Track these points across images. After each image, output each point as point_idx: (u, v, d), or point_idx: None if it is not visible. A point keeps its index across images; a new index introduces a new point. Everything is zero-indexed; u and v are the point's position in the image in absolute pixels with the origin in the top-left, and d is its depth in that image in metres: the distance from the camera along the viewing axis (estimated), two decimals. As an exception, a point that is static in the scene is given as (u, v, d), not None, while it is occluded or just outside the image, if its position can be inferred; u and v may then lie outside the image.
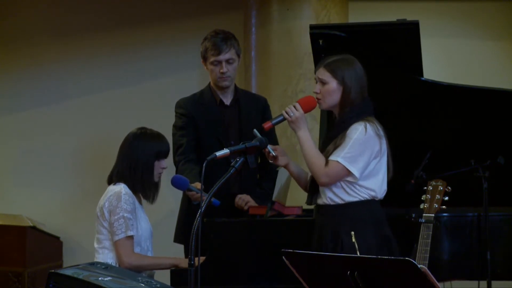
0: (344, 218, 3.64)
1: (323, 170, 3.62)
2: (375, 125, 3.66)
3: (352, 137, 3.61)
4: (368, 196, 3.66)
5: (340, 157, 3.60)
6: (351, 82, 3.67)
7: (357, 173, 3.60)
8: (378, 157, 3.66)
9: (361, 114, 3.67)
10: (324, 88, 3.70)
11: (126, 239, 3.74)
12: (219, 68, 4.38)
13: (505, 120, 4.41)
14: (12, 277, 6.02)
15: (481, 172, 4.14)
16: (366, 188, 3.66)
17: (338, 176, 3.63)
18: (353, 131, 3.63)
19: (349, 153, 3.59)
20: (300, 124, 3.69)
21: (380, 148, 3.66)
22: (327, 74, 3.69)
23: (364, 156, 3.61)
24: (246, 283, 3.95)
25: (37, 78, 6.67)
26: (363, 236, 3.57)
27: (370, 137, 3.62)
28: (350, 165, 3.59)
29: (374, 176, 3.67)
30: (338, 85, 3.68)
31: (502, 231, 4.18)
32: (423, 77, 4.37)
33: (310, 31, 4.30)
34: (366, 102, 3.71)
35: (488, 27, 6.45)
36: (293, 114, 3.68)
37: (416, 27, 4.22)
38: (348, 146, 3.60)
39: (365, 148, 3.61)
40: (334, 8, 5.93)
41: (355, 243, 3.46)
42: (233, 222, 4.12)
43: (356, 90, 3.67)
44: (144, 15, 6.63)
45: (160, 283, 3.29)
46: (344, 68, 3.68)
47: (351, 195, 3.65)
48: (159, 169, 3.85)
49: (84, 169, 6.56)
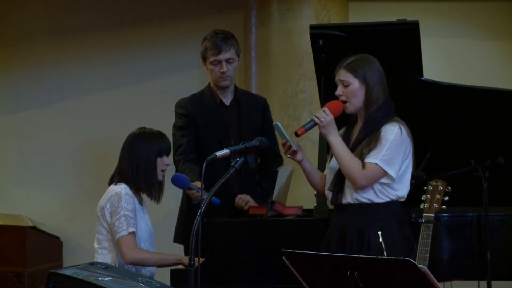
0: (371, 218, 3.62)
1: (361, 173, 3.59)
2: (406, 126, 3.66)
3: (389, 139, 3.59)
4: (395, 197, 3.66)
5: (379, 159, 3.57)
6: (373, 80, 3.65)
7: (394, 175, 3.59)
8: (408, 159, 3.67)
9: (388, 114, 3.66)
10: (347, 89, 3.66)
11: (128, 235, 3.73)
12: (219, 68, 4.38)
13: (505, 120, 4.41)
14: (12, 277, 6.02)
15: (481, 172, 4.13)
16: (396, 190, 3.65)
17: (376, 178, 3.61)
18: (388, 132, 3.61)
19: (387, 155, 3.58)
20: (331, 128, 3.64)
21: (410, 149, 3.67)
22: (349, 75, 3.66)
23: (400, 158, 3.61)
24: (246, 283, 3.95)
25: (37, 78, 6.66)
26: (390, 236, 3.57)
27: (404, 139, 3.62)
28: (388, 167, 3.57)
29: (403, 177, 3.67)
30: (361, 84, 3.65)
31: (502, 231, 4.18)
32: (423, 77, 4.37)
33: (310, 31, 4.30)
34: (389, 101, 3.70)
35: (488, 27, 6.45)
36: (324, 119, 3.62)
37: (416, 27, 4.22)
38: (386, 148, 3.58)
39: (400, 150, 3.61)
40: (334, 8, 5.92)
41: (382, 243, 3.46)
42: (233, 222, 4.12)
43: (379, 88, 3.66)
44: (144, 15, 6.63)
45: (160, 283, 3.29)
46: (364, 67, 3.66)
47: (380, 197, 3.64)
48: (162, 166, 3.85)
49: (84, 169, 6.56)
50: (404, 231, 3.69)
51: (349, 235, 3.65)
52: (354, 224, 3.66)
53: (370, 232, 3.60)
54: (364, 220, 3.64)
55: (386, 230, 3.56)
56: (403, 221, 3.70)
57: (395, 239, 3.61)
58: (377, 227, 3.56)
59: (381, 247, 3.47)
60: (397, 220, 3.67)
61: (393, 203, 3.66)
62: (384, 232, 3.54)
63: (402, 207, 3.71)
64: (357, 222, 3.65)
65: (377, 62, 3.71)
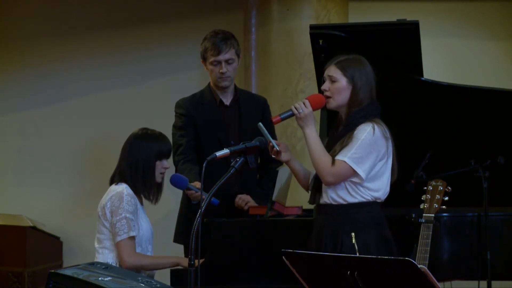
0: (345, 219, 3.62)
1: (329, 169, 3.61)
2: (383, 127, 3.65)
3: (360, 137, 3.60)
4: (370, 198, 3.65)
5: (347, 157, 3.58)
6: (361, 81, 3.66)
7: (363, 174, 3.59)
8: (384, 159, 3.65)
9: (369, 115, 3.66)
10: (334, 85, 3.68)
11: (128, 240, 3.74)
12: (218, 68, 4.38)
13: (505, 120, 4.41)
14: (12, 277, 6.02)
15: (481, 172, 4.13)
16: (370, 190, 3.64)
17: (344, 176, 3.61)
18: (361, 131, 3.61)
19: (356, 153, 3.58)
20: (308, 121, 3.66)
21: (386, 150, 3.65)
22: (338, 72, 3.68)
23: (371, 158, 3.60)
24: (246, 283, 3.95)
25: (37, 78, 6.67)
26: (363, 237, 3.55)
27: (377, 139, 3.61)
28: (356, 166, 3.58)
29: (379, 178, 3.66)
30: (348, 83, 3.66)
31: (502, 231, 4.18)
32: (423, 77, 4.38)
33: (310, 31, 4.30)
34: (374, 104, 3.70)
35: (488, 27, 6.45)
36: (302, 111, 3.65)
37: (416, 27, 4.22)
38: (356, 146, 3.59)
39: (372, 149, 3.60)
40: (334, 8, 5.93)
41: (355, 244, 3.45)
42: (233, 222, 4.12)
43: (365, 90, 3.66)
44: (144, 15, 6.63)
45: (160, 283, 3.29)
46: (354, 67, 3.67)
47: (354, 196, 3.64)
48: (161, 169, 3.85)
49: (84, 169, 6.57)
50: (382, 232, 3.67)
51: (324, 236, 3.67)
52: (329, 225, 3.66)
53: (343, 233, 3.59)
54: (338, 220, 3.64)
55: (360, 232, 3.54)
56: (382, 222, 3.69)
57: (370, 241, 3.59)
58: (351, 228, 3.53)
59: (354, 248, 3.44)
60: (374, 222, 3.65)
61: (370, 204, 3.65)
62: (358, 233, 3.51)
63: (380, 208, 3.69)
64: (332, 223, 3.66)
65: (369, 65, 3.72)
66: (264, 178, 4.51)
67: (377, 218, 3.68)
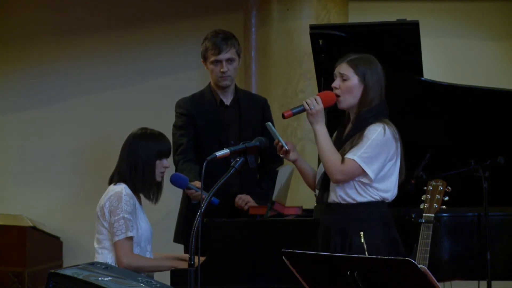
0: (354, 218, 3.62)
1: (338, 167, 3.60)
2: (392, 128, 3.64)
3: (370, 137, 3.59)
4: (379, 197, 3.64)
5: (357, 156, 3.57)
6: (372, 81, 3.65)
7: (372, 175, 3.58)
8: (393, 160, 3.65)
9: (379, 116, 3.65)
10: (345, 84, 3.67)
11: (125, 240, 3.74)
12: (219, 67, 4.38)
13: (505, 120, 4.41)
14: (12, 277, 6.02)
15: (481, 172, 4.13)
16: (379, 190, 3.64)
17: (353, 174, 3.60)
18: (371, 131, 3.60)
19: (366, 153, 3.57)
20: (319, 117, 3.65)
21: (395, 151, 3.65)
22: (350, 70, 3.67)
23: (381, 158, 3.59)
24: (246, 283, 3.95)
25: (37, 78, 6.67)
26: (372, 237, 3.54)
27: (388, 140, 3.61)
28: (366, 165, 3.57)
29: (387, 178, 3.65)
30: (359, 82, 3.65)
31: (502, 231, 4.18)
32: (423, 77, 4.38)
33: (310, 31, 4.30)
34: (383, 104, 3.69)
35: (488, 27, 6.45)
36: (314, 107, 3.64)
37: (416, 27, 4.22)
38: (366, 146, 3.58)
39: (382, 150, 3.59)
40: (334, 8, 5.93)
41: (364, 244, 3.44)
42: (233, 222, 4.12)
43: (376, 90, 3.66)
44: (144, 15, 6.63)
45: (160, 283, 3.29)
46: (366, 67, 3.67)
47: (363, 195, 3.63)
48: (161, 168, 3.85)
49: (84, 169, 6.57)
50: (390, 233, 3.67)
51: (333, 236, 3.66)
52: (338, 224, 3.65)
53: (352, 232, 3.59)
54: (347, 220, 3.63)
55: (368, 231, 3.52)
56: (389, 222, 3.68)
57: (378, 240, 3.59)
58: (360, 228, 3.52)
59: (363, 248, 3.43)
60: (382, 221, 3.65)
61: (378, 203, 3.64)
62: (367, 232, 3.49)
63: (388, 208, 3.69)
64: (341, 222, 3.65)
65: (380, 65, 3.71)
66: (264, 178, 4.51)
67: (385, 218, 3.67)
